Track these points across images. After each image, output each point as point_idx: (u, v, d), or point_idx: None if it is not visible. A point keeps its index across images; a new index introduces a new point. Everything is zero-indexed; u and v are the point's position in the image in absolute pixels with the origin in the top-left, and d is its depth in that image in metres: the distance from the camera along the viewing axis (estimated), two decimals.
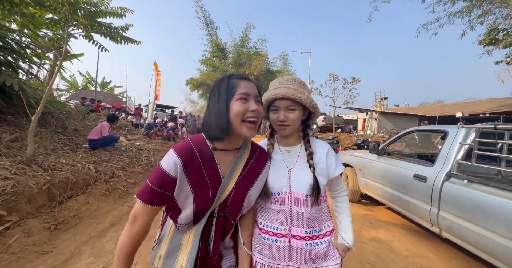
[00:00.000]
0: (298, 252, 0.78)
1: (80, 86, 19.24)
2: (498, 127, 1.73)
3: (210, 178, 0.69)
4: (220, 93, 0.68)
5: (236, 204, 0.73)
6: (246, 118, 0.67)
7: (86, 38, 3.32)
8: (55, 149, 3.59)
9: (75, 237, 2.18)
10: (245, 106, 0.67)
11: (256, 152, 0.82)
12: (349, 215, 0.93)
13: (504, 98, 13.66)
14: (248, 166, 0.76)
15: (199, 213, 0.69)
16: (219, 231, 0.74)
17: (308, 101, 0.79)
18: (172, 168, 0.65)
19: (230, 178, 0.72)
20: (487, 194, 1.60)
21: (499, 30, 7.71)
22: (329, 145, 0.91)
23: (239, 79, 0.71)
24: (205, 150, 0.70)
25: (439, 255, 2.13)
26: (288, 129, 0.82)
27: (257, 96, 0.71)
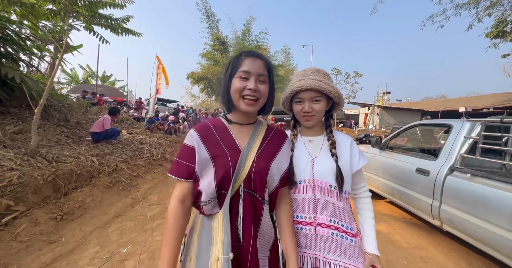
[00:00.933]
0: (324, 241, 0.77)
1: (81, 79, 19.15)
2: (505, 120, 1.71)
3: (227, 147, 0.72)
4: (227, 70, 0.73)
5: (261, 176, 0.70)
6: (244, 95, 0.69)
7: (87, 30, 3.27)
8: (58, 141, 3.61)
9: (81, 227, 2.22)
10: (243, 84, 0.69)
11: (273, 130, 0.83)
12: (373, 218, 0.87)
13: (509, 92, 13.47)
14: (266, 141, 0.78)
15: (221, 187, 0.67)
16: (248, 211, 0.68)
17: (334, 92, 0.79)
18: (190, 139, 0.73)
19: (250, 150, 0.73)
20: (490, 187, 1.61)
21: (507, 22, 7.50)
22: (351, 138, 0.91)
23: (246, 56, 0.72)
24: (220, 125, 0.77)
25: (439, 247, 2.16)
26: (312, 120, 0.83)
27: (261, 75, 0.70)
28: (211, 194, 0.68)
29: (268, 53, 20.48)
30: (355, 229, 0.85)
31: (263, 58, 0.73)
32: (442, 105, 16.22)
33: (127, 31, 3.61)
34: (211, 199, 0.68)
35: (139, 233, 2.25)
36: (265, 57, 0.75)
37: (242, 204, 0.68)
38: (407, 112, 16.01)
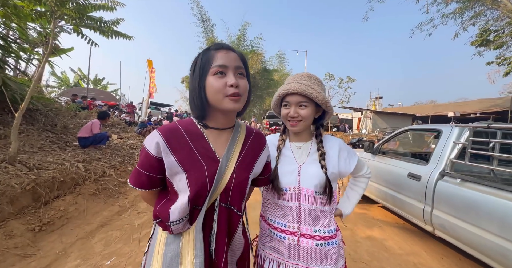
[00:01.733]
0: (308, 252, 0.76)
1: (72, 83, 18.75)
2: (492, 126, 1.74)
3: (204, 157, 0.61)
4: (196, 68, 0.60)
5: (240, 189, 0.65)
6: (228, 94, 0.58)
7: (75, 32, 3.19)
8: (42, 147, 3.46)
9: (61, 239, 2.10)
10: (222, 81, 0.58)
11: (252, 134, 0.74)
12: (361, 194, 0.94)
13: (494, 98, 14.00)
14: (246, 147, 0.69)
15: (195, 202, 0.59)
16: (223, 226, 0.63)
17: (320, 98, 0.77)
18: (154, 147, 0.59)
19: (229, 159, 0.64)
20: (479, 192, 1.61)
21: (490, 32, 7.86)
22: (340, 140, 0.90)
23: (216, 50, 0.60)
24: (193, 129, 0.64)
25: (432, 253, 2.15)
26: (298, 125, 0.81)
27: (239, 68, 0.61)
28: (183, 212, 0.59)
29: (263, 58, 20.70)
30: (335, 225, 0.84)
31: (236, 51, 0.64)
32: (432, 110, 16.68)
33: (118, 34, 3.56)
34: (182, 218, 0.59)
35: (125, 244, 2.14)
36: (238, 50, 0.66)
37: (217, 219, 0.62)
38: (399, 117, 16.37)
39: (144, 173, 0.62)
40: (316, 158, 0.82)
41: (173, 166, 0.59)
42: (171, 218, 0.59)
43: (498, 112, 12.45)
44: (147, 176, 0.62)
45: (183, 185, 0.59)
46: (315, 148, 0.85)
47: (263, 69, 20.96)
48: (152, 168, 0.61)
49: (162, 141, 0.59)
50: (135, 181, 0.64)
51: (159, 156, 0.59)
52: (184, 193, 0.59)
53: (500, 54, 8.26)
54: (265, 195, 0.89)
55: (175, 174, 0.60)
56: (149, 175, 0.62)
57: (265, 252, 0.83)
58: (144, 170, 0.61)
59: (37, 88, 5.50)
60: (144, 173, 0.62)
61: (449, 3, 8.59)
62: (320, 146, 0.83)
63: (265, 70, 21.16)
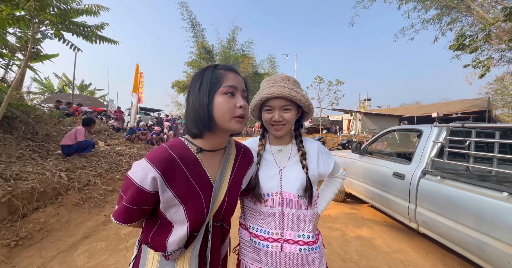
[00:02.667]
0: (291, 258, 0.74)
1: (56, 89, 18.10)
2: (466, 125, 1.83)
3: (200, 184, 0.59)
4: (203, 84, 0.58)
5: (231, 208, 0.66)
6: (236, 115, 0.58)
7: (56, 37, 3.10)
8: (21, 156, 3.29)
9: (41, 253, 1.98)
10: (232, 102, 0.58)
11: (241, 151, 0.74)
12: (335, 194, 0.97)
13: (473, 99, 14.78)
14: (236, 166, 0.69)
15: (193, 230, 0.58)
16: (217, 244, 0.65)
17: (304, 101, 0.76)
18: (150, 184, 0.54)
19: (222, 182, 0.63)
20: (457, 189, 1.68)
21: (465, 37, 8.33)
22: (318, 142, 0.90)
23: (226, 70, 0.61)
24: (187, 155, 0.60)
25: (418, 249, 2.20)
26: (283, 129, 0.79)
27: (245, 91, 0.63)
28: (181, 242, 0.57)
29: (254, 62, 20.90)
30: (316, 230, 0.84)
31: (241, 75, 0.66)
32: (417, 111, 17.34)
33: (102, 38, 3.49)
34: (181, 246, 0.58)
35: (110, 255, 2.05)
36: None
37: (211, 239, 0.63)
38: (387, 118, 16.89)
39: (137, 209, 0.57)
40: (297, 160, 0.82)
41: (169, 200, 0.56)
42: (169, 249, 0.57)
43: (477, 112, 13.13)
44: (140, 210, 0.58)
45: (179, 216, 0.57)
46: (296, 150, 0.84)
47: (254, 73, 21.16)
48: (147, 202, 0.57)
49: (159, 176, 0.54)
50: (126, 219, 0.58)
51: (155, 190, 0.55)
52: (181, 224, 0.57)
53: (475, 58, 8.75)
54: (245, 202, 0.86)
55: (170, 207, 0.57)
56: (143, 208, 0.58)
57: (247, 262, 0.80)
58: (137, 206, 0.57)
59: (17, 95, 5.26)
60: (137, 209, 0.57)
61: (428, 10, 9.08)
62: (300, 146, 0.83)
63: (256, 74, 21.36)
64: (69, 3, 3.00)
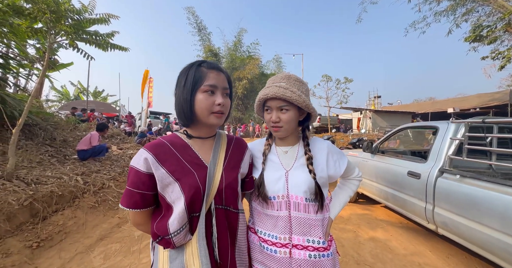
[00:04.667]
0: (301, 265, 0.71)
1: (72, 96, 18.99)
2: (487, 121, 1.73)
3: (192, 164, 0.66)
4: (187, 81, 0.64)
5: (232, 189, 0.69)
6: (213, 111, 0.65)
7: (71, 47, 3.25)
8: (41, 161, 3.46)
9: (60, 254, 2.07)
10: (211, 99, 0.64)
11: (233, 140, 0.81)
12: (351, 197, 0.91)
13: (492, 93, 13.97)
14: (229, 152, 0.75)
15: (192, 208, 0.62)
16: (223, 229, 0.66)
17: (300, 101, 0.72)
18: (143, 164, 0.61)
19: (216, 163, 0.69)
20: (479, 188, 1.58)
21: (483, 27, 7.92)
22: (328, 142, 0.86)
23: (209, 68, 0.66)
24: (177, 140, 0.69)
25: (437, 252, 2.10)
26: (281, 131, 0.77)
27: (226, 89, 0.68)
28: (182, 220, 0.61)
29: (260, 63, 20.96)
30: (328, 236, 0.80)
31: (225, 71, 0.71)
32: (431, 107, 16.64)
33: (113, 46, 3.61)
34: (182, 226, 0.61)
35: (124, 256, 2.10)
36: (226, 71, 0.72)
37: (216, 223, 0.64)
38: (398, 115, 16.33)
39: (137, 192, 0.62)
40: (303, 162, 0.78)
41: (164, 178, 0.62)
42: (171, 229, 0.60)
43: (497, 106, 12.40)
44: (140, 194, 0.62)
45: (176, 194, 0.62)
46: (303, 152, 0.81)
47: (261, 73, 21.20)
48: (144, 185, 0.62)
49: (150, 156, 0.62)
50: (128, 202, 0.63)
51: (149, 171, 0.62)
52: (179, 201, 0.61)
53: (494, 49, 8.29)
54: (253, 205, 0.84)
55: (166, 186, 0.62)
56: (142, 193, 0.63)
57: (256, 267, 0.78)
58: (136, 188, 0.62)
59: (37, 103, 5.56)
60: (137, 192, 0.62)
61: (441, 1, 8.72)
62: (307, 149, 0.79)
63: (262, 75, 21.39)
64: (82, 13, 3.14)
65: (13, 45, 4.25)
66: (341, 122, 17.76)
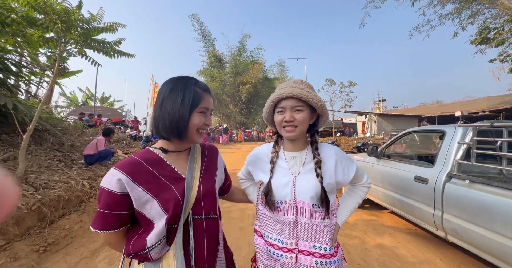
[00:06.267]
0: None
1: (80, 102, 19.50)
2: (495, 125, 1.68)
3: (169, 179, 0.67)
4: (185, 99, 0.66)
5: (210, 197, 0.72)
6: (200, 129, 0.71)
7: (79, 54, 3.36)
8: (49, 166, 3.54)
9: (66, 259, 2.08)
10: (203, 119, 0.70)
11: (206, 148, 0.85)
12: (359, 203, 0.89)
13: (502, 95, 13.67)
14: (205, 160, 0.79)
15: (172, 222, 0.62)
16: (200, 238, 0.67)
17: (316, 101, 0.74)
18: (116, 185, 0.60)
19: (193, 174, 0.71)
20: (490, 194, 1.53)
21: (490, 29, 7.82)
22: (337, 147, 0.85)
23: (204, 91, 0.72)
24: (150, 156, 0.69)
25: (447, 260, 2.02)
26: (295, 131, 0.76)
27: (212, 110, 0.77)
28: (160, 235, 0.61)
29: (263, 67, 21.13)
30: (335, 243, 0.79)
31: (211, 94, 0.77)
32: (438, 110, 16.35)
33: (120, 53, 3.72)
34: (160, 240, 0.61)
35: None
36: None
37: (193, 233, 0.65)
38: (404, 119, 16.08)
39: (111, 213, 0.61)
40: (311, 167, 0.78)
41: (141, 196, 0.62)
42: (149, 243, 0.60)
43: (507, 109, 12.09)
44: (115, 215, 0.62)
45: (156, 210, 0.62)
46: (311, 157, 0.80)
47: (264, 78, 21.34)
48: (118, 206, 0.61)
49: (124, 176, 0.61)
50: (102, 224, 0.61)
51: (124, 191, 0.61)
52: (160, 217, 0.62)
53: (503, 51, 8.15)
54: (261, 208, 0.84)
55: (144, 203, 0.62)
56: (117, 213, 0.62)
57: None
58: (110, 210, 0.61)
59: (47, 109, 5.73)
60: (111, 213, 0.61)
61: (445, 5, 8.68)
62: (316, 153, 0.78)
63: (266, 79, 21.52)
64: (91, 22, 3.26)
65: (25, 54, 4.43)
66: (345, 126, 17.59)
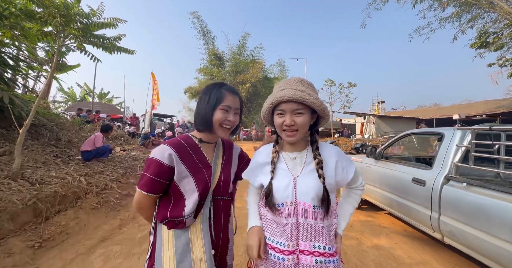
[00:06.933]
0: None
1: (78, 97, 19.33)
2: (494, 128, 1.69)
3: (202, 163, 0.84)
4: (210, 98, 0.82)
5: (227, 183, 0.89)
6: (223, 124, 0.83)
7: (78, 49, 3.33)
8: (46, 161, 3.50)
9: (61, 255, 2.07)
10: (224, 115, 0.82)
11: (225, 142, 0.99)
12: (355, 207, 0.90)
13: (499, 99, 13.79)
14: (225, 155, 0.94)
15: (202, 198, 0.78)
16: (218, 214, 0.84)
17: (318, 104, 0.72)
18: (167, 158, 0.76)
19: (217, 164, 0.88)
20: (487, 197, 1.55)
21: (489, 34, 7.87)
22: (337, 148, 0.85)
23: (228, 91, 0.84)
24: (191, 142, 0.86)
25: (443, 262, 2.04)
26: (295, 135, 0.75)
27: (237, 109, 0.87)
28: (193, 206, 0.76)
29: (263, 67, 21.07)
30: (335, 245, 0.79)
31: (239, 95, 0.88)
32: (436, 113, 16.45)
33: (120, 49, 3.68)
34: (193, 211, 0.77)
35: (124, 258, 2.09)
36: (240, 94, 0.90)
37: (213, 210, 0.83)
38: (403, 121, 16.17)
39: (158, 180, 0.77)
40: (312, 168, 0.78)
41: (182, 172, 0.78)
42: (186, 213, 0.76)
43: (504, 113, 12.20)
44: (160, 182, 0.77)
45: (190, 186, 0.79)
46: (311, 157, 0.80)
47: (264, 77, 21.29)
48: (165, 175, 0.77)
49: (174, 152, 0.78)
50: (149, 187, 0.77)
51: (171, 164, 0.77)
52: (193, 192, 0.78)
53: (501, 56, 8.20)
54: (263, 211, 0.83)
55: (183, 178, 0.78)
56: (162, 181, 0.77)
57: None
58: (158, 177, 0.76)
59: (44, 104, 5.67)
60: (158, 180, 0.77)
61: (446, 8, 8.72)
62: (316, 154, 0.78)
63: (266, 79, 21.47)
64: (91, 17, 3.22)
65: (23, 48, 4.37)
66: (344, 127, 17.65)
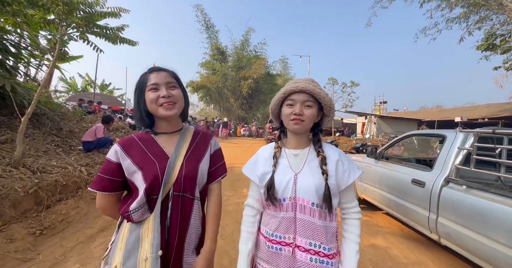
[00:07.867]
0: (301, 266, 0.72)
1: (80, 88, 19.23)
2: (497, 132, 1.69)
3: (155, 156, 0.77)
4: (136, 89, 0.78)
5: (190, 178, 0.78)
6: (160, 103, 0.75)
7: (81, 39, 3.29)
8: (47, 150, 3.52)
9: (62, 243, 2.10)
10: (156, 94, 0.75)
11: (199, 134, 0.90)
12: (358, 244, 0.79)
13: (503, 103, 13.71)
14: (193, 145, 0.85)
15: (151, 192, 0.72)
16: (175, 212, 0.75)
17: (327, 99, 0.77)
18: (113, 154, 0.75)
19: (177, 155, 0.79)
20: (486, 200, 1.55)
21: (496, 36, 7.76)
22: (340, 150, 0.86)
23: (149, 72, 0.79)
24: (145, 136, 0.81)
25: (439, 263, 2.06)
26: (302, 124, 0.77)
27: (169, 83, 0.78)
28: (140, 202, 0.71)
29: (266, 63, 20.91)
30: (335, 249, 0.79)
31: (166, 69, 0.80)
32: (438, 115, 16.40)
33: (123, 40, 3.65)
34: (140, 206, 0.71)
35: None
36: (168, 69, 0.81)
37: (171, 206, 0.75)
38: (404, 122, 16.12)
39: (106, 178, 0.75)
40: (313, 165, 0.79)
41: (129, 167, 0.75)
42: (131, 208, 0.71)
43: (507, 117, 12.15)
44: (109, 179, 0.75)
45: (140, 180, 0.73)
46: (313, 155, 0.81)
47: (267, 74, 21.15)
48: (113, 172, 0.75)
49: (119, 149, 0.76)
50: (98, 185, 0.75)
51: (118, 161, 0.75)
52: (142, 186, 0.73)
53: (508, 59, 8.11)
54: (266, 210, 0.84)
55: (132, 173, 0.75)
56: (111, 178, 0.75)
57: (261, 265, 0.80)
58: (106, 175, 0.75)
59: (45, 93, 5.65)
60: (106, 178, 0.75)
61: (454, 8, 8.56)
62: (320, 151, 0.80)
63: (268, 75, 21.34)
64: (94, 6, 3.17)
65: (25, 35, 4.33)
66: (345, 126, 17.61)
